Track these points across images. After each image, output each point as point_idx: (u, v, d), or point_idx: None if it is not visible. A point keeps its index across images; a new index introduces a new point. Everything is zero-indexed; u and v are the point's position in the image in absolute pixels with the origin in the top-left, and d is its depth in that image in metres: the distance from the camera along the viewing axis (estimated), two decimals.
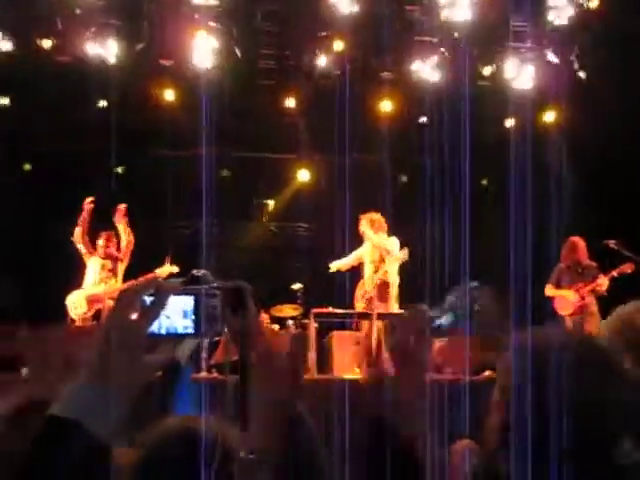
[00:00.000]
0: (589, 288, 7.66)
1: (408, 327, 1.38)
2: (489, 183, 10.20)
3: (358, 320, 7.57)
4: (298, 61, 9.05)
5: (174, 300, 1.08)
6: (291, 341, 7.51)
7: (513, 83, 8.98)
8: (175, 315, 1.10)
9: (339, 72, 8.66)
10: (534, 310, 2.59)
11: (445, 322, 5.44)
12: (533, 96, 8.88)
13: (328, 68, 8.85)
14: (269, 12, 8.76)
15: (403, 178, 10.40)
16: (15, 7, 8.17)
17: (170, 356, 1.07)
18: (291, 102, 9.56)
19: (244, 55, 8.70)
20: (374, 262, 7.57)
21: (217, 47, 8.46)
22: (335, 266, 7.67)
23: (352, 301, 7.64)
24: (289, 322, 8.29)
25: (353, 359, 7.31)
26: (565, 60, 8.86)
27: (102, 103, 9.17)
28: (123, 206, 7.77)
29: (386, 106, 9.49)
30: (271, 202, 10.63)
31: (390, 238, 7.57)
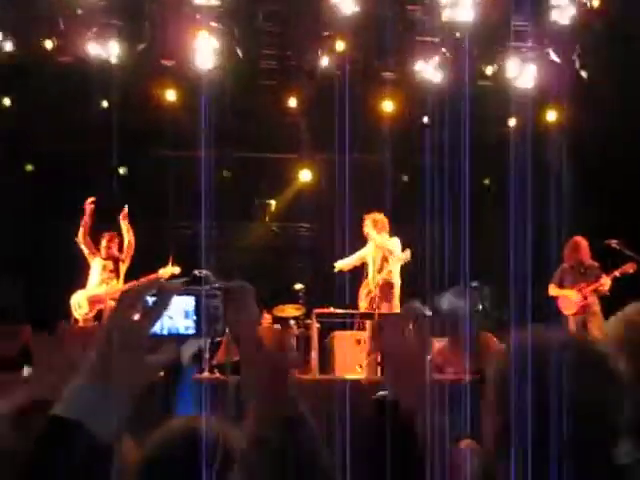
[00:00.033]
0: (592, 288, 7.66)
1: (395, 326, 1.37)
2: (491, 183, 10.19)
3: (361, 320, 7.58)
4: (300, 61, 9.05)
5: (176, 300, 1.08)
6: (274, 340, 7.49)
7: (515, 83, 8.97)
8: (177, 315, 1.10)
9: (341, 72, 8.63)
10: (535, 310, 2.59)
11: (445, 305, 5.41)
12: (535, 95, 8.87)
13: (330, 68, 8.83)
14: (271, 12, 8.76)
15: (405, 178, 10.39)
16: (16, 7, 8.18)
17: (172, 357, 1.07)
18: (293, 102, 9.55)
19: (245, 55, 8.70)
20: (377, 262, 7.57)
21: (218, 47, 8.46)
22: (339, 266, 7.68)
23: (355, 301, 7.65)
24: (291, 322, 8.29)
25: (355, 359, 7.31)
26: (567, 59, 8.84)
27: (104, 103, 9.16)
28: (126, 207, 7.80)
29: (388, 106, 9.48)
30: (273, 202, 10.63)
31: (392, 238, 7.58)
